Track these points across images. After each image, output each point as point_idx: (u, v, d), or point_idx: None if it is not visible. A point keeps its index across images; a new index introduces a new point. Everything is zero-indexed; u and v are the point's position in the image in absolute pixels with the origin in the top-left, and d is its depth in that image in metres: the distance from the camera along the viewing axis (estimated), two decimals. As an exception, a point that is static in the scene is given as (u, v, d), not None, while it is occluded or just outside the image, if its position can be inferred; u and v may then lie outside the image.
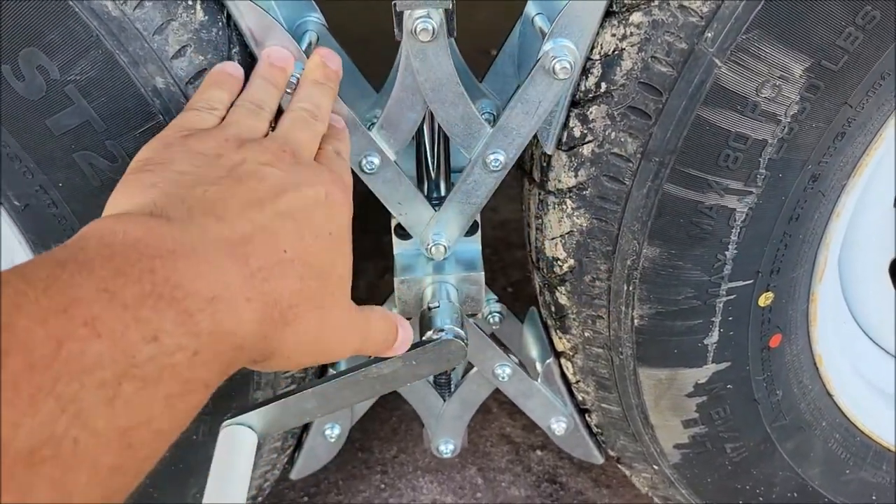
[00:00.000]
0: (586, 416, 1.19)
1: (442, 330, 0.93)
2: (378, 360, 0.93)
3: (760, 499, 1.18)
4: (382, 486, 1.64)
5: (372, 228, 2.21)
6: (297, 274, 0.61)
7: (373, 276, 2.11)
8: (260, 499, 1.26)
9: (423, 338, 0.94)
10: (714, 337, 1.01)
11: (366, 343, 0.76)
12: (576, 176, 0.94)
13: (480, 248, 1.04)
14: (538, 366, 1.15)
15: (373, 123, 0.94)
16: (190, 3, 0.82)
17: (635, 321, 1.00)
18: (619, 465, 1.26)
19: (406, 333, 0.82)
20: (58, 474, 0.39)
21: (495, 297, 1.21)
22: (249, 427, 0.95)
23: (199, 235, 0.55)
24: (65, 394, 0.39)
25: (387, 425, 1.75)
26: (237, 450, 0.95)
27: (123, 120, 0.82)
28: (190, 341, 0.48)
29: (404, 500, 1.61)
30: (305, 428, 1.20)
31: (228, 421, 0.95)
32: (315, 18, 0.96)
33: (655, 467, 1.18)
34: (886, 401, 1.22)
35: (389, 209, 0.99)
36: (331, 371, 1.12)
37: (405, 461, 1.68)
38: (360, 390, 0.94)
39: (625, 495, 1.58)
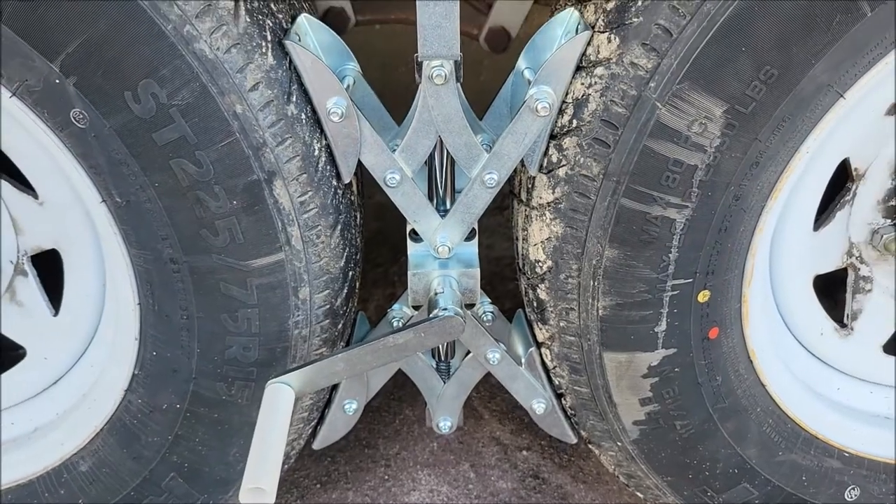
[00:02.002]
0: (562, 399, 1.43)
1: (445, 308, 1.18)
2: (393, 331, 1.18)
3: (706, 473, 1.41)
4: (386, 477, 1.86)
5: (380, 262, 2.48)
6: None
7: (381, 301, 2.35)
8: (286, 466, 1.48)
9: (430, 316, 1.19)
10: (663, 326, 1.25)
11: None
12: (553, 192, 1.20)
13: (477, 249, 1.30)
14: (522, 355, 1.40)
15: (395, 148, 1.20)
16: (263, 50, 1.09)
17: (600, 311, 1.25)
18: (590, 445, 1.49)
19: None
20: None
21: (489, 299, 1.46)
22: (288, 385, 1.19)
23: None
24: None
25: (390, 426, 1.97)
26: (278, 403, 1.18)
27: (210, 136, 1.08)
28: None
29: (405, 489, 1.82)
30: (327, 403, 1.43)
31: (272, 380, 1.19)
32: (352, 66, 1.23)
33: (619, 444, 1.41)
34: (812, 395, 1.46)
35: (406, 217, 1.25)
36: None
37: (406, 457, 1.90)
38: (379, 356, 1.19)
39: (599, 489, 1.80)
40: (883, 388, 1.51)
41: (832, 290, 1.48)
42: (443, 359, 1.44)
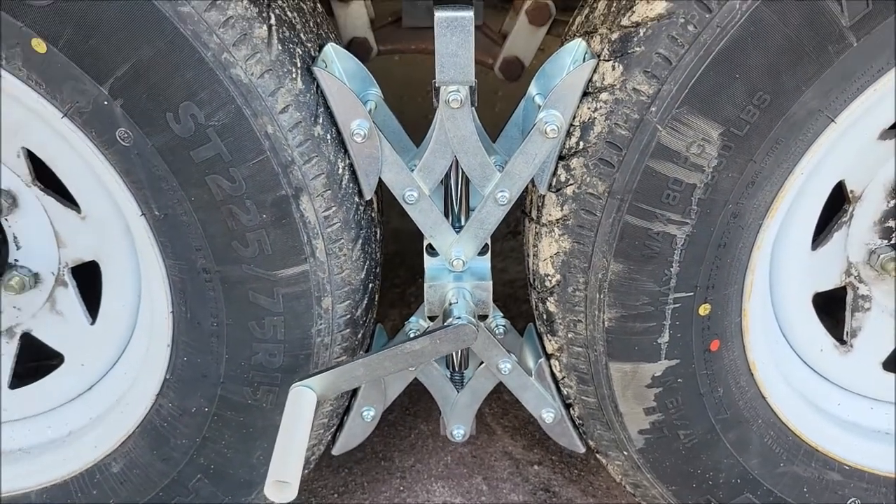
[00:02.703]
0: (570, 409, 1.49)
1: (459, 317, 1.26)
2: (410, 338, 1.25)
3: (710, 483, 1.46)
4: (402, 488, 1.92)
5: (398, 283, 2.56)
6: None
7: (398, 321, 2.42)
8: (306, 471, 1.55)
9: (445, 324, 1.27)
10: (665, 337, 1.32)
11: None
12: (561, 210, 1.28)
13: (490, 264, 1.37)
14: (532, 367, 1.46)
15: (413, 167, 1.29)
16: (293, 76, 1.18)
17: (605, 323, 1.32)
18: (597, 455, 1.55)
19: None
20: None
21: (501, 313, 1.53)
22: (311, 388, 1.27)
23: None
24: None
25: (406, 440, 2.04)
26: (302, 406, 1.26)
27: (243, 154, 1.18)
28: None
29: (419, 500, 1.88)
30: (346, 411, 1.50)
31: (296, 383, 1.27)
32: (374, 91, 1.32)
33: (625, 453, 1.47)
34: (813, 409, 1.51)
35: (423, 232, 1.33)
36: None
37: (421, 469, 1.96)
38: (396, 362, 1.26)
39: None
40: (883, 405, 1.56)
41: (832, 308, 1.54)
42: (457, 369, 1.51)
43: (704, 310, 1.31)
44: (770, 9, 1.09)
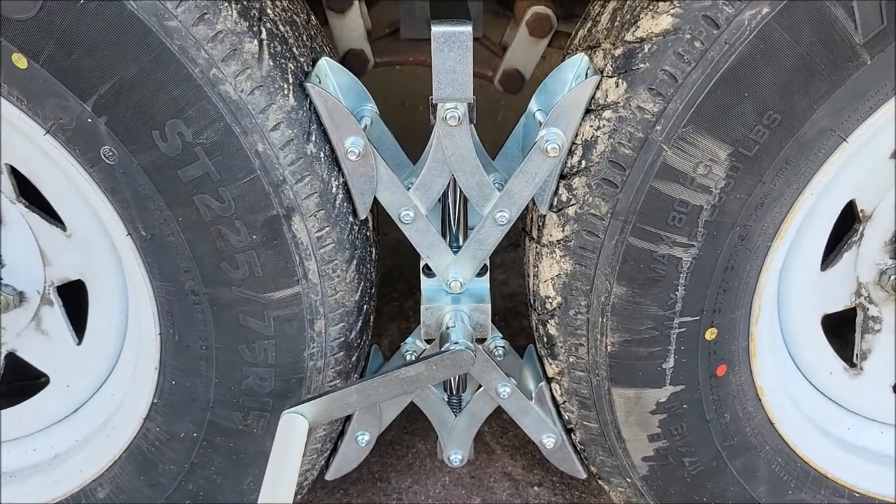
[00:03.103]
0: (571, 434, 1.45)
1: (456, 342, 1.21)
2: (405, 364, 1.21)
3: (716, 511, 1.42)
4: (398, 510, 1.87)
5: (396, 297, 2.52)
6: None
7: (396, 336, 2.38)
8: (298, 496, 1.50)
9: (441, 349, 1.22)
10: (670, 362, 1.27)
11: None
12: (563, 230, 1.23)
13: (489, 285, 1.33)
14: (533, 390, 1.42)
15: (409, 186, 1.25)
16: (285, 92, 1.14)
17: (608, 347, 1.27)
18: (600, 481, 1.50)
19: None
20: None
21: (500, 334, 1.49)
22: (303, 415, 1.22)
23: None
24: None
25: (403, 460, 1.99)
26: (293, 433, 1.22)
27: (232, 173, 1.13)
28: None
29: (416, 523, 1.84)
30: (340, 435, 1.46)
31: (287, 410, 1.22)
32: (370, 107, 1.28)
33: (628, 480, 1.42)
34: (822, 435, 1.47)
35: (419, 252, 1.28)
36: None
37: (418, 491, 1.91)
38: (391, 388, 1.22)
39: (609, 526, 1.80)
40: (894, 429, 1.52)
41: (841, 330, 1.50)
42: (454, 392, 1.46)
43: (711, 334, 1.27)
44: (781, 25, 1.05)
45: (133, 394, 1.38)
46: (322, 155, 1.19)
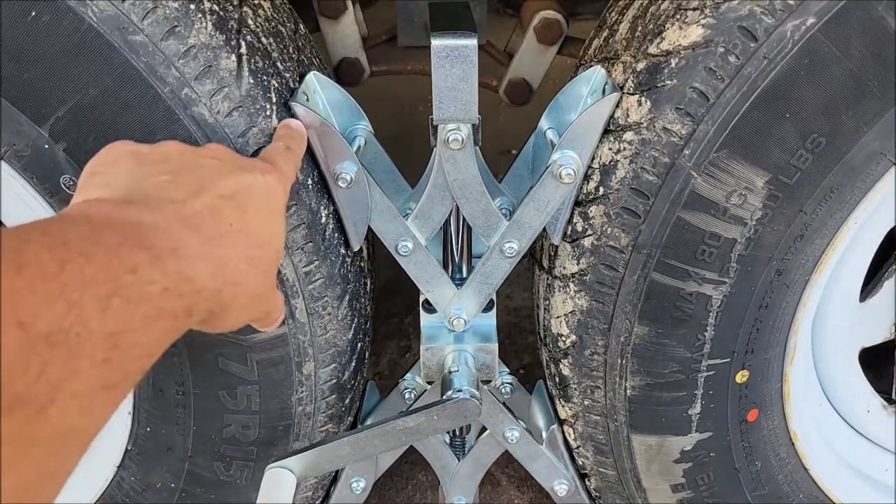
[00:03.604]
0: (586, 480, 1.32)
1: (460, 390, 1.09)
2: (403, 414, 1.09)
3: (744, 564, 1.29)
4: (397, 549, 1.75)
5: (395, 312, 2.40)
6: (242, 243, 0.73)
7: (395, 354, 2.26)
8: (288, 546, 1.38)
9: (443, 397, 1.10)
10: (697, 408, 1.15)
11: (271, 313, 0.87)
12: (578, 263, 1.11)
13: (495, 322, 1.20)
14: (543, 432, 1.30)
15: (408, 214, 1.12)
16: (267, 113, 1.02)
17: (628, 391, 1.15)
18: (616, 529, 1.38)
19: (282, 315, 0.92)
20: (66, 356, 0.53)
21: (507, 370, 1.37)
22: (289, 470, 1.10)
23: (158, 211, 0.68)
24: (70, 298, 0.54)
25: (403, 493, 1.87)
26: (278, 489, 1.09)
27: (208, 204, 1.00)
28: (161, 278, 0.62)
29: (417, 563, 1.72)
30: (333, 481, 1.34)
31: (272, 464, 1.10)
32: (363, 126, 1.16)
33: (648, 530, 1.30)
34: (861, 479, 1.34)
35: (419, 286, 1.16)
36: (360, 424, 1.27)
37: (419, 527, 1.80)
38: (388, 440, 1.09)
39: (624, 567, 1.68)
40: (935, 469, 1.40)
41: (877, 363, 1.37)
42: (457, 435, 1.34)
43: (742, 377, 1.15)
44: (828, 38, 0.92)
45: (105, 439, 1.26)
46: (309, 182, 1.06)
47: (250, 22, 1.04)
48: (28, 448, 0.51)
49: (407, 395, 1.33)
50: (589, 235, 1.09)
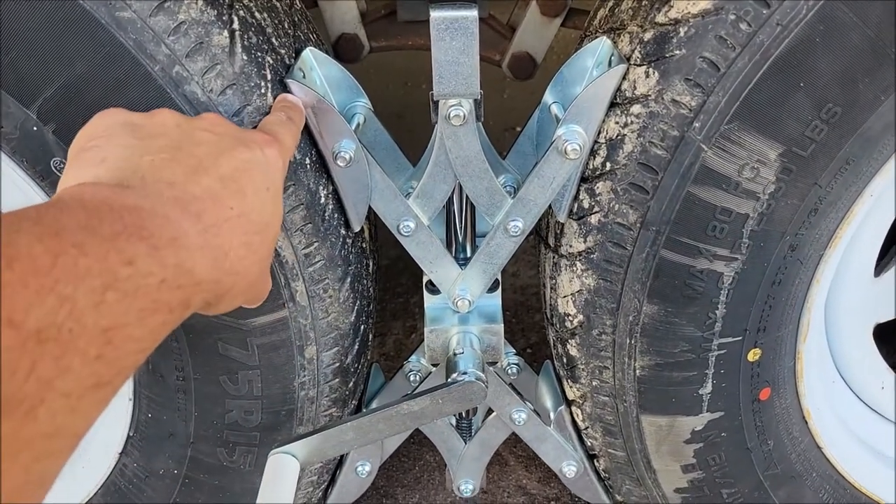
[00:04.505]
0: (594, 461, 1.30)
1: (465, 373, 1.06)
2: (408, 397, 1.06)
3: (756, 544, 1.27)
4: (405, 530, 1.74)
5: (401, 292, 2.37)
6: (242, 229, 0.70)
7: (401, 335, 2.24)
8: (294, 531, 1.37)
9: (448, 380, 1.07)
10: (708, 388, 1.12)
11: (262, 295, 0.84)
12: (585, 241, 1.08)
13: (500, 303, 1.18)
14: (551, 413, 1.27)
15: (409, 193, 1.09)
16: (262, 91, 0.98)
17: (637, 371, 1.12)
18: (626, 510, 1.36)
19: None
20: (58, 353, 0.50)
21: (514, 350, 1.34)
22: (293, 455, 1.08)
23: (156, 197, 0.65)
24: (63, 293, 0.51)
25: (410, 474, 1.85)
26: (282, 475, 1.07)
27: (203, 186, 0.98)
28: (158, 270, 0.59)
29: (425, 544, 1.71)
30: (339, 464, 1.32)
31: (275, 450, 1.08)
32: (363, 103, 1.12)
33: (658, 511, 1.28)
34: (875, 457, 1.32)
35: (422, 267, 1.13)
36: (364, 409, 1.25)
37: (427, 508, 1.78)
38: (392, 424, 1.07)
39: (634, 546, 1.66)
40: (951, 445, 1.37)
41: (892, 339, 1.35)
42: (464, 417, 1.32)
43: (754, 355, 1.12)
44: (844, 3, 0.88)
45: (107, 426, 1.25)
46: (307, 161, 1.03)
47: (243, -4, 1.00)
48: (16, 452, 0.48)
49: (412, 378, 1.30)
50: (596, 212, 1.06)
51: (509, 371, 1.32)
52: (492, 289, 1.16)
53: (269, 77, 0.99)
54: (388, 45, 1.55)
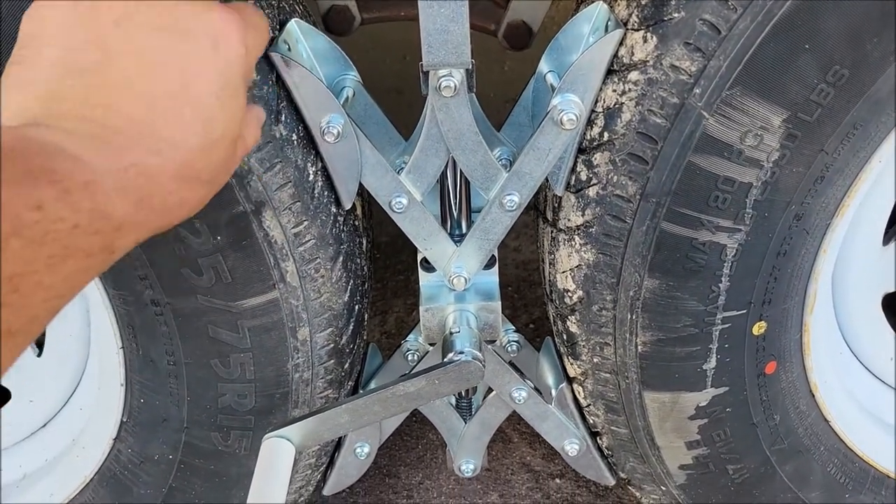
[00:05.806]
0: (597, 438, 1.28)
1: (462, 352, 1.04)
2: (404, 377, 1.04)
3: (763, 520, 1.25)
4: (409, 510, 1.72)
5: (401, 269, 2.34)
6: (176, 160, 0.62)
7: (402, 312, 2.21)
8: (295, 514, 1.35)
9: (445, 359, 1.05)
10: (712, 363, 1.10)
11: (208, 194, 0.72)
12: (583, 215, 1.05)
13: (497, 280, 1.15)
14: (552, 391, 1.25)
15: (401, 168, 1.06)
16: (245, 64, 0.94)
17: (639, 347, 1.09)
18: (630, 487, 1.34)
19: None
20: None
21: (513, 327, 1.31)
22: (288, 439, 1.06)
23: (70, 135, 0.59)
24: None
25: (413, 453, 1.84)
26: (277, 459, 1.05)
27: (186, 165, 0.94)
28: (70, 215, 0.55)
29: (429, 523, 1.69)
30: (338, 446, 1.30)
31: (269, 433, 1.05)
32: (352, 76, 1.08)
33: (663, 488, 1.26)
34: (884, 428, 1.29)
35: (416, 245, 1.10)
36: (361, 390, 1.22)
37: (430, 487, 1.77)
38: (388, 406, 1.05)
39: (640, 522, 1.65)
40: (961, 416, 1.34)
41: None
42: (463, 396, 1.29)
43: (759, 328, 1.09)
44: (851, -42, 0.84)
45: (101, 412, 1.23)
46: (295, 137, 1.00)
47: (223, -34, 0.96)
48: None
49: (410, 357, 1.28)
50: (594, 185, 1.02)
51: (509, 349, 1.29)
52: (488, 265, 1.13)
53: (251, 50, 0.95)
54: (380, 16, 1.51)
